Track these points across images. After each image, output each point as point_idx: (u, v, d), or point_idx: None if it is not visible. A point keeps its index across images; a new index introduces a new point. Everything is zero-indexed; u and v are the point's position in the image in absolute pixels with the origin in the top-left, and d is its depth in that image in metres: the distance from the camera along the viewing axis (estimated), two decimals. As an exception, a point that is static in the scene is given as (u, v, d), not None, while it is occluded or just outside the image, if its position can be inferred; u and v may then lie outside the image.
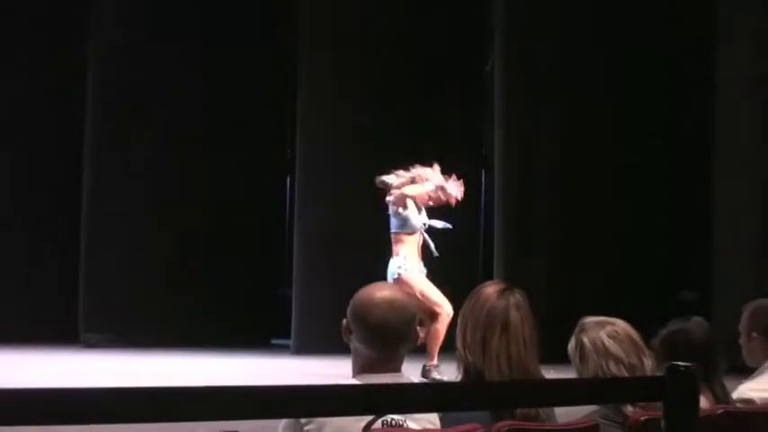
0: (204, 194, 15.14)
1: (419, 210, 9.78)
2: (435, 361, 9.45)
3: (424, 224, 9.64)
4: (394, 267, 9.49)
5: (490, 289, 3.76)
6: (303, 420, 3.27)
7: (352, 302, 3.45)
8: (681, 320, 4.54)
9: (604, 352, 3.87)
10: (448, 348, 8.85)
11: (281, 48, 15.73)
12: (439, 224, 9.78)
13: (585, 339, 3.93)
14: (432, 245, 9.70)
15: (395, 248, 9.58)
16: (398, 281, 9.33)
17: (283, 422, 3.36)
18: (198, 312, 14.76)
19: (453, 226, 9.82)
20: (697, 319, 4.57)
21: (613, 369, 3.82)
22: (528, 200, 13.05)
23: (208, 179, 15.18)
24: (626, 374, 3.76)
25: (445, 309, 9.34)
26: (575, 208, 13.11)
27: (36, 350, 13.24)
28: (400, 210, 9.60)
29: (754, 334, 4.90)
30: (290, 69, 15.15)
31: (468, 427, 3.19)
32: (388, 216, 9.85)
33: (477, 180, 14.96)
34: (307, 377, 10.31)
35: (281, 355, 13.89)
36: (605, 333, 3.89)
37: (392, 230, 9.68)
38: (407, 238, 9.59)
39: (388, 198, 9.75)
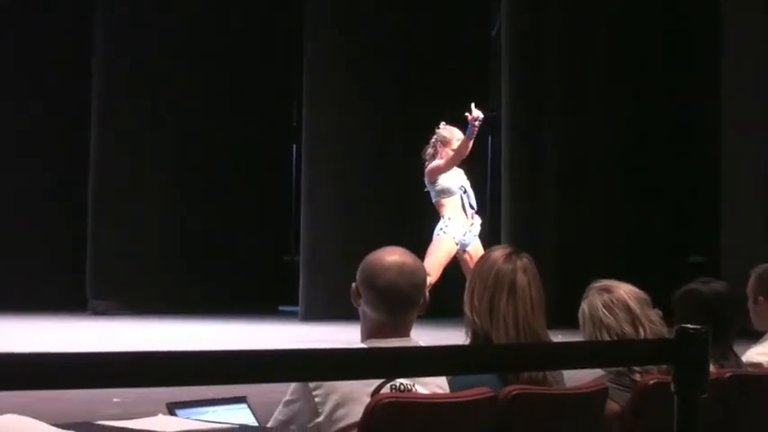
0: (211, 162, 15.15)
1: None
2: None
3: (461, 186, 9.61)
4: (437, 229, 9.47)
5: (497, 253, 3.76)
6: (312, 385, 3.27)
7: (361, 266, 3.44)
8: (697, 283, 4.54)
9: (598, 321, 3.87)
10: (456, 314, 8.86)
11: (285, 15, 15.66)
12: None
13: (585, 306, 3.94)
14: (468, 204, 9.66)
15: (440, 213, 9.58)
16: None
17: (292, 387, 3.36)
18: (206, 280, 14.80)
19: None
20: (714, 282, 4.56)
21: (606, 339, 3.82)
22: (535, 163, 13.03)
23: (214, 147, 15.17)
24: None
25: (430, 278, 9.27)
26: (582, 172, 13.10)
27: (44, 318, 13.28)
28: (433, 181, 9.60)
29: (761, 298, 4.90)
30: (295, 37, 15.09)
31: (476, 390, 3.18)
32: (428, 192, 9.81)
33: (484, 145, 14.95)
34: (315, 343, 10.32)
35: (289, 321, 13.92)
36: (601, 302, 3.89)
37: (433, 200, 9.66)
38: (448, 201, 9.58)
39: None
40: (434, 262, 9.24)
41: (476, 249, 9.30)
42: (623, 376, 3.80)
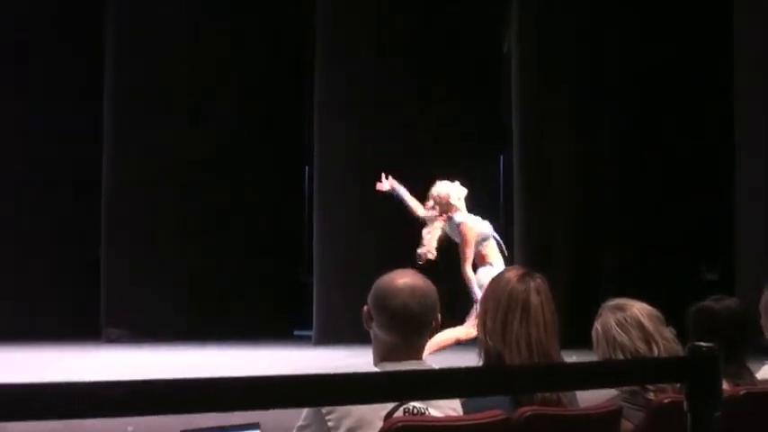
0: (222, 188, 15.17)
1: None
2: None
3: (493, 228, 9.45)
4: (483, 278, 8.70)
5: (510, 274, 3.76)
6: (324, 410, 3.26)
7: (373, 288, 3.44)
8: (710, 300, 4.53)
9: (612, 339, 3.87)
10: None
11: (296, 37, 15.69)
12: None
13: (598, 325, 3.94)
14: (502, 246, 9.47)
15: (482, 260, 9.29)
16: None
17: (305, 412, 3.35)
18: (219, 305, 14.80)
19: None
20: (727, 299, 4.54)
21: (620, 357, 3.82)
22: (547, 180, 13.03)
23: (225, 172, 15.20)
24: None
25: (472, 329, 9.07)
26: (594, 189, 13.10)
27: (58, 346, 13.28)
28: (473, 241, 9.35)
29: None
30: (307, 56, 15.12)
31: (489, 413, 3.18)
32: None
33: (495, 163, 14.99)
34: (329, 368, 10.30)
35: (304, 346, 13.92)
36: (614, 320, 3.89)
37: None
38: (485, 246, 9.35)
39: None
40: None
41: None
42: (637, 395, 3.80)
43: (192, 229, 14.99)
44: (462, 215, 9.35)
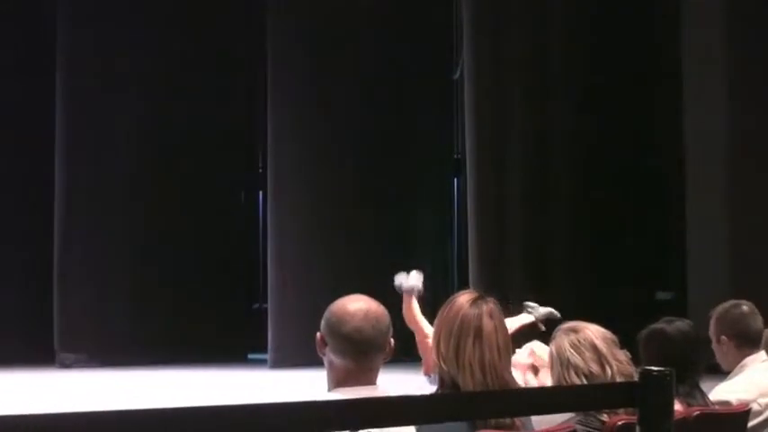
0: (177, 211, 15.14)
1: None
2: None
3: None
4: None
5: (463, 298, 3.76)
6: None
7: (326, 314, 3.44)
8: (661, 322, 4.54)
9: (566, 361, 3.89)
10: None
11: (250, 64, 15.70)
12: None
13: (552, 347, 3.96)
14: None
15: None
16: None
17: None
18: (175, 329, 14.74)
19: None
20: (678, 321, 4.56)
21: (574, 378, 3.84)
22: (501, 205, 13.08)
23: (180, 196, 15.16)
24: (585, 383, 3.78)
25: None
26: (548, 212, 13.15)
27: (12, 371, 13.16)
28: None
29: (723, 337, 4.89)
30: (260, 84, 15.13)
31: (444, 438, 3.17)
32: None
33: (450, 186, 15.04)
34: (284, 392, 10.31)
35: (259, 369, 13.88)
36: (568, 342, 3.91)
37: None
38: None
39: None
40: None
41: None
42: (591, 417, 3.81)
43: (146, 253, 14.93)
44: None
